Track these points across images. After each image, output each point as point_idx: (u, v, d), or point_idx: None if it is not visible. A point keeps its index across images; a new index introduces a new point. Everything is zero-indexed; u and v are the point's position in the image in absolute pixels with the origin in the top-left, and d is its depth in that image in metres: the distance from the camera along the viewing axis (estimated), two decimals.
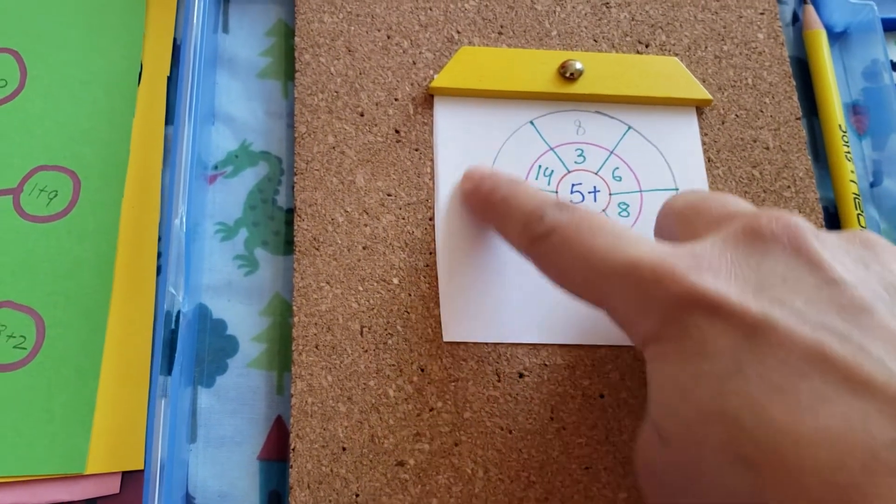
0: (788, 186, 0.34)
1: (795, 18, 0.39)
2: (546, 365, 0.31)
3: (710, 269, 0.22)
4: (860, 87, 0.38)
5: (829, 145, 0.36)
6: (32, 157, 0.33)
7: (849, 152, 0.35)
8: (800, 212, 0.33)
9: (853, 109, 0.38)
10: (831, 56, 0.37)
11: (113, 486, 0.29)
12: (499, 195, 0.29)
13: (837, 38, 0.39)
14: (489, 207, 0.30)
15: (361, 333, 0.30)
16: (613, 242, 0.24)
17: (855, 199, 0.34)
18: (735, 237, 0.23)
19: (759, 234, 0.22)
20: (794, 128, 0.35)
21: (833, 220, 0.35)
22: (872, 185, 0.37)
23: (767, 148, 0.35)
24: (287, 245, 0.33)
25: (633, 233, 0.24)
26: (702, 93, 0.34)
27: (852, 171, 0.35)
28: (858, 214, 0.34)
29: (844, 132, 0.36)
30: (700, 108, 0.35)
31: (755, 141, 0.35)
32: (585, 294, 0.25)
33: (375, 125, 0.33)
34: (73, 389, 0.30)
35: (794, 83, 0.36)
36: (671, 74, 0.35)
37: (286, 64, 0.36)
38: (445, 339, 0.30)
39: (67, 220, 0.32)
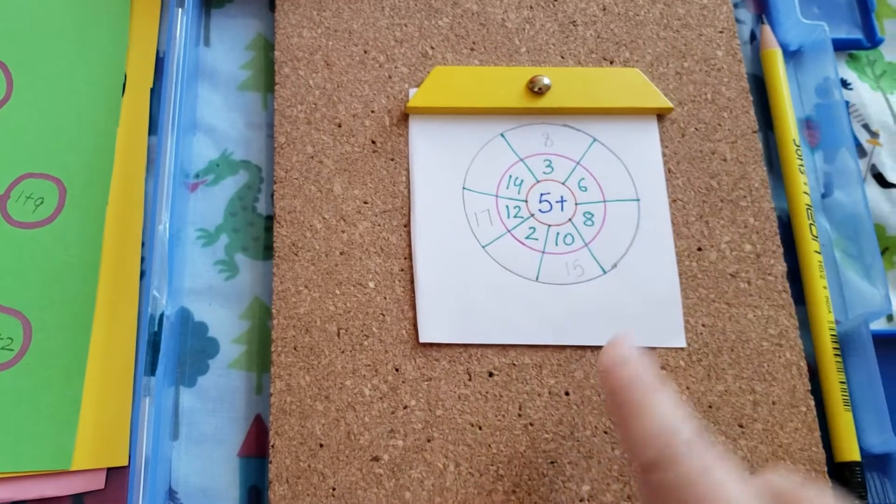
0: (745, 196, 0.36)
1: (753, 37, 0.41)
2: (514, 364, 0.32)
3: None
4: (813, 102, 0.40)
5: (784, 158, 0.38)
6: (19, 164, 0.34)
7: (802, 165, 0.37)
8: (755, 221, 0.35)
9: (806, 124, 0.40)
10: (786, 73, 0.39)
11: (98, 482, 0.30)
12: (636, 395, 0.26)
13: (792, 56, 0.41)
14: (622, 399, 0.27)
15: (338, 335, 0.32)
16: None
17: (807, 209, 0.36)
18: None
19: None
20: (751, 141, 0.37)
21: (786, 229, 0.37)
22: (824, 196, 0.38)
23: (725, 160, 0.36)
24: (266, 250, 0.34)
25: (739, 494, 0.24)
26: (663, 101, 0.36)
27: (805, 183, 0.37)
28: (810, 224, 0.36)
29: (798, 146, 0.38)
30: (661, 119, 0.37)
31: (713, 153, 0.36)
32: None
33: (353, 136, 0.35)
34: (59, 389, 0.31)
35: (752, 98, 0.38)
36: (634, 85, 0.37)
37: (265, 77, 0.37)
38: (421, 340, 0.32)
39: (53, 226, 0.33)
